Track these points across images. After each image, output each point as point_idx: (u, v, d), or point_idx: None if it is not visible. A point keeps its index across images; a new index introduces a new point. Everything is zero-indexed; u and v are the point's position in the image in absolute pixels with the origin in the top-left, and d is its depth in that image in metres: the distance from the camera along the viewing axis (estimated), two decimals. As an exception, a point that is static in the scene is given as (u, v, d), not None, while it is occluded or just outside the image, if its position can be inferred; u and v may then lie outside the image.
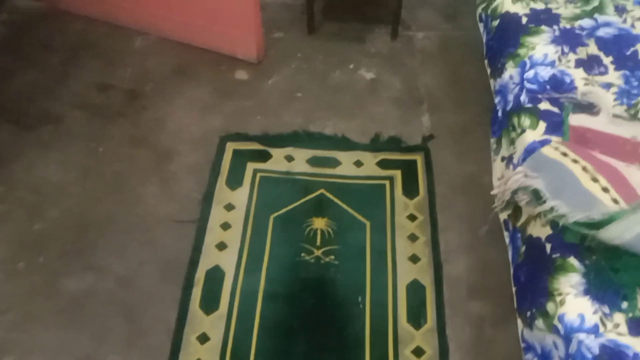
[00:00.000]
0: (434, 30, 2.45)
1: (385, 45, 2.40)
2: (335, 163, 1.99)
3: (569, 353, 1.04)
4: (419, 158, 2.01)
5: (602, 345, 1.01)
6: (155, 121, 2.11)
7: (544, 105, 1.35)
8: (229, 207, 1.87)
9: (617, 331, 1.03)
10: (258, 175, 1.96)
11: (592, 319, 1.05)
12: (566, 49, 1.45)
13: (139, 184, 1.92)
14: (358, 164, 1.99)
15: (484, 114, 2.13)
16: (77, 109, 2.14)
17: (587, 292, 1.08)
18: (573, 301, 1.08)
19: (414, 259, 1.76)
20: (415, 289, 1.69)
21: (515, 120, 1.38)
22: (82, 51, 2.35)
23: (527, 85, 1.40)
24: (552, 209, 1.07)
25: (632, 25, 1.49)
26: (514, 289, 1.31)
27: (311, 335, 1.60)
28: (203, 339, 1.59)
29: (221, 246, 1.78)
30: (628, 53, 1.42)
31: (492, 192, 1.32)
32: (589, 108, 1.31)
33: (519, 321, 1.26)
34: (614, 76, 1.39)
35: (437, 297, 1.67)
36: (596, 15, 1.54)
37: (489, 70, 1.69)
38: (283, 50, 2.37)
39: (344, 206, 1.87)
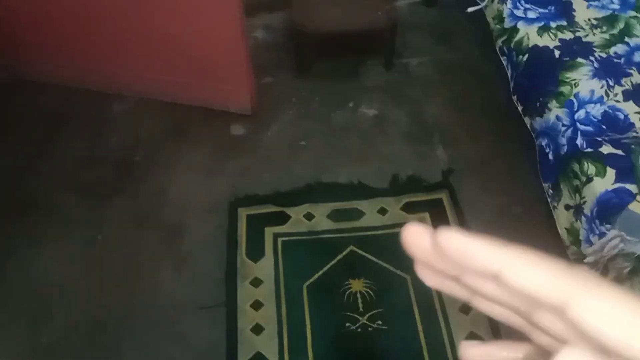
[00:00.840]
0: (428, 54, 2.37)
1: (381, 77, 2.30)
2: (358, 214, 1.87)
3: None
4: (444, 196, 1.91)
5: None
6: (156, 194, 1.93)
7: (607, 149, 1.27)
8: (256, 283, 1.72)
9: None
10: (279, 240, 1.81)
11: None
12: (611, 82, 1.39)
13: (152, 270, 1.74)
14: (382, 211, 1.88)
15: (499, 143, 2.06)
16: (67, 192, 1.94)
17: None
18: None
19: (465, 309, 1.65)
20: (473, 344, 1.59)
21: (575, 166, 1.30)
22: (61, 124, 2.14)
23: (581, 127, 1.32)
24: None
25: (666, 45, 1.45)
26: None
27: (376, 416, 1.47)
28: None
29: (257, 329, 1.62)
30: (671, 76, 1.37)
31: (586, 261, 1.22)
32: (656, 146, 1.24)
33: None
34: (665, 104, 1.34)
35: (498, 349, 1.57)
36: (627, 39, 1.48)
37: (520, 108, 1.61)
38: (276, 96, 2.24)
39: (379, 262, 1.75)
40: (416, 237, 0.26)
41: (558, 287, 0.22)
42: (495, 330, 1.60)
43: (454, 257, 0.24)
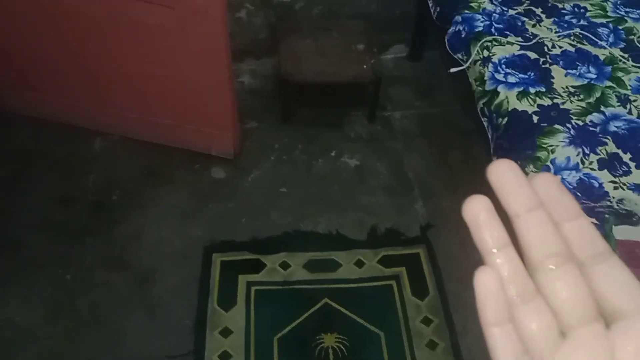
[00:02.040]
0: (411, 109, 2.41)
1: (364, 129, 2.32)
2: (334, 266, 1.85)
3: None
4: (421, 251, 1.90)
5: None
6: (130, 237, 1.89)
7: (581, 217, 1.29)
8: (226, 333, 1.67)
9: None
10: (253, 289, 1.78)
11: None
12: (587, 150, 1.41)
13: (120, 317, 1.69)
14: (359, 264, 1.86)
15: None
16: (37, 230, 1.89)
17: None
18: None
19: (438, 370, 1.62)
20: (445, 407, 1.55)
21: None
22: (35, 160, 2.11)
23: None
24: None
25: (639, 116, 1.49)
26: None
27: None
28: None
29: (225, 382, 1.57)
30: (643, 147, 1.40)
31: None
32: (628, 217, 1.26)
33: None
34: (638, 175, 1.36)
35: (470, 413, 1.54)
36: (602, 109, 1.52)
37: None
38: (259, 142, 2.24)
39: (353, 316, 1.72)
40: (510, 169, 0.29)
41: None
42: (468, 394, 1.57)
43: (548, 187, 0.28)
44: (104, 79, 2.04)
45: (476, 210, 0.32)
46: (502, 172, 0.30)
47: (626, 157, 1.40)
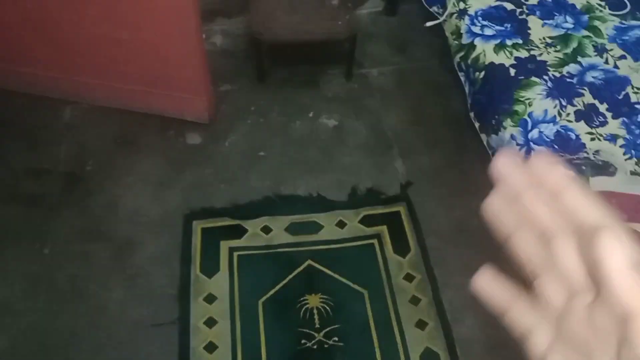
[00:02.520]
0: (388, 65, 2.36)
1: (342, 88, 2.28)
2: (316, 228, 1.85)
3: None
4: (402, 209, 1.91)
5: None
6: (106, 207, 1.85)
7: (559, 170, 1.28)
8: (210, 299, 1.67)
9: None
10: (235, 255, 1.77)
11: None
12: (564, 102, 1.40)
13: (100, 288, 1.67)
14: (341, 224, 1.86)
15: (456, 152, 2.07)
16: (9, 204, 1.84)
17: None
18: None
19: (421, 324, 1.65)
20: (430, 359, 1.59)
21: (528, 185, 1.31)
22: (2, 132, 2.03)
23: (535, 147, 1.33)
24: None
25: (616, 66, 1.48)
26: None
27: None
28: None
29: (211, 347, 1.58)
30: (620, 97, 1.40)
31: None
32: (605, 168, 1.26)
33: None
34: (614, 125, 1.36)
35: (454, 364, 1.58)
36: (579, 59, 1.51)
37: (477, 124, 1.62)
38: (235, 105, 2.18)
39: (336, 276, 1.73)
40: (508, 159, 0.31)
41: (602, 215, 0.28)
42: (451, 346, 1.61)
43: (542, 167, 0.30)
44: (69, 45, 1.95)
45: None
46: (503, 165, 0.32)
47: (602, 108, 1.40)
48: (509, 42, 1.58)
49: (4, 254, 1.72)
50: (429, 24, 1.83)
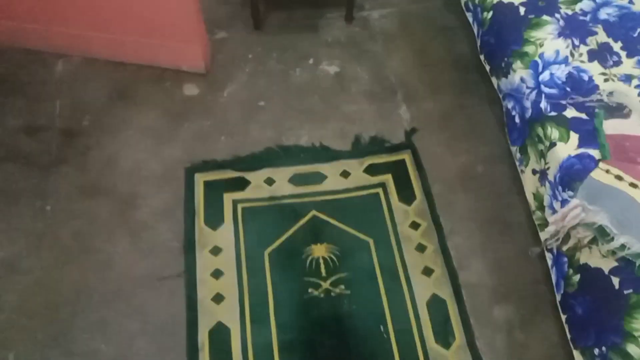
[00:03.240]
0: (389, 6, 2.27)
1: (342, 32, 2.19)
2: (320, 178, 1.82)
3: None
4: (406, 157, 1.87)
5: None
6: (105, 162, 1.82)
7: (571, 113, 1.23)
8: (216, 251, 1.66)
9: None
10: (239, 207, 1.75)
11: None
12: (576, 41, 1.33)
13: (105, 243, 1.66)
14: (345, 174, 1.83)
15: (461, 96, 2.02)
16: (7, 162, 1.81)
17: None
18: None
19: (427, 271, 1.65)
20: (436, 305, 1.59)
21: (539, 130, 1.26)
22: (-6, 88, 1.98)
23: (545, 90, 1.28)
24: (622, 246, 0.98)
25: (631, 1, 1.40)
26: (563, 317, 1.23)
27: (340, 380, 1.47)
28: (224, 412, 1.42)
29: (218, 298, 1.58)
30: (635, 35, 1.33)
31: (547, 230, 1.20)
32: (619, 110, 1.21)
33: (577, 353, 1.18)
34: (629, 65, 1.30)
35: (460, 309, 1.58)
36: (593, -6, 1.42)
37: (487, 67, 1.55)
38: (231, 53, 2.11)
39: (341, 226, 1.72)
40: None
41: None
42: (457, 292, 1.61)
43: None
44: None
45: None
46: None
47: (617, 47, 1.33)
48: (518, -23, 1.49)
49: (6, 213, 1.71)
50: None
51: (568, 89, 1.28)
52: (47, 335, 1.50)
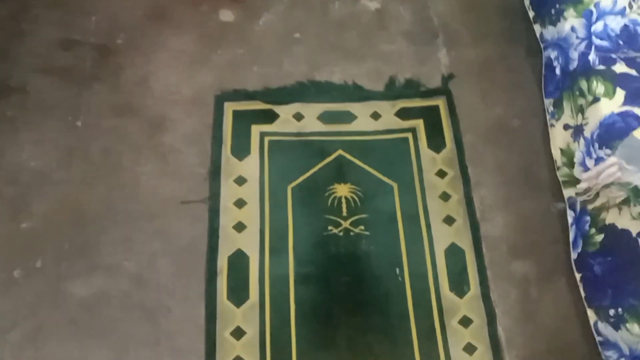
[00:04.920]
0: (440, -57, 2.14)
1: (387, -34, 2.09)
2: (349, 117, 1.79)
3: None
4: (441, 103, 1.82)
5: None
6: (138, 83, 1.82)
7: (620, 68, 1.17)
8: (240, 181, 1.68)
9: None
10: (266, 139, 1.74)
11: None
12: (637, -9, 1.24)
13: (133, 162, 1.69)
14: (375, 116, 1.80)
15: (505, 45, 1.94)
16: (41, 74, 1.82)
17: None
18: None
19: (449, 220, 1.64)
20: (454, 254, 1.59)
21: (583, 84, 1.20)
22: (33, 1, 1.96)
23: (596, 41, 1.20)
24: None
25: None
26: (577, 276, 1.22)
27: (352, 317, 1.50)
28: (238, 333, 1.47)
29: (240, 227, 1.61)
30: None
31: (579, 186, 1.17)
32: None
33: (591, 312, 1.18)
34: (692, 19, 1.21)
35: (478, 260, 1.58)
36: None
37: (531, 14, 1.47)
38: (271, -20, 2.04)
39: (367, 168, 1.70)
40: None
41: None
42: (477, 243, 1.60)
43: None
44: None
45: None
46: None
47: (683, -1, 1.24)
48: None
49: (40, 124, 1.74)
50: None
51: (621, 42, 1.21)
52: (74, 246, 1.56)
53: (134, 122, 1.75)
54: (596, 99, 1.18)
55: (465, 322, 1.51)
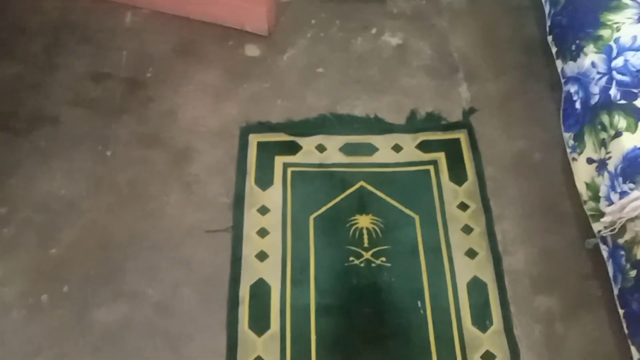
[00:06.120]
0: (460, -19, 2.20)
1: (408, 4, 2.15)
2: (371, 150, 1.81)
3: None
4: (462, 136, 1.84)
5: None
6: (165, 115, 1.88)
7: (641, 103, 1.18)
8: (263, 211, 1.70)
9: None
10: (289, 170, 1.77)
11: None
12: (656, 28, 1.26)
13: (159, 192, 1.73)
14: (397, 148, 1.82)
15: (525, 80, 1.96)
16: (73, 106, 1.89)
17: None
18: None
19: (471, 253, 1.63)
20: (476, 287, 1.58)
21: (605, 118, 1.21)
22: (66, 34, 2.05)
23: (617, 76, 1.22)
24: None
25: None
26: (621, 312, 1.20)
27: (373, 349, 1.49)
28: (259, 364, 1.47)
29: (262, 256, 1.62)
30: None
31: (603, 220, 1.17)
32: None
33: (634, 349, 1.16)
34: None
35: (501, 294, 1.57)
36: (683, -24, 1.34)
37: (554, 49, 1.50)
38: (294, 17, 2.11)
39: (388, 199, 1.72)
40: None
41: None
42: (500, 277, 1.59)
43: None
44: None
45: None
46: None
47: (700, 36, 1.25)
48: (599, -44, 1.41)
49: (71, 154, 1.80)
50: None
51: (641, 78, 1.22)
52: (99, 273, 1.59)
53: (161, 153, 1.80)
54: (618, 133, 1.19)
55: (488, 357, 1.48)
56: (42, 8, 2.12)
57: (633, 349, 1.17)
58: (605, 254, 1.30)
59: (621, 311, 1.21)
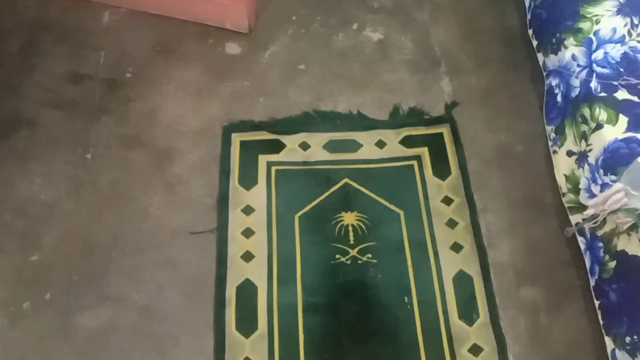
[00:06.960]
0: (440, -26, 2.20)
1: (389, -2, 2.14)
2: (355, 146, 1.81)
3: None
4: (445, 131, 1.84)
5: None
6: (146, 115, 1.85)
7: (622, 95, 1.19)
8: (248, 210, 1.69)
9: None
10: (273, 169, 1.76)
11: None
12: (635, 20, 1.27)
13: (141, 193, 1.70)
14: (380, 144, 1.82)
15: (507, 72, 1.97)
16: (51, 108, 1.86)
17: None
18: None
19: (456, 247, 1.64)
20: (462, 281, 1.59)
21: (585, 111, 1.22)
22: (42, 34, 2.01)
23: (597, 69, 1.23)
24: (666, 234, 0.95)
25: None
26: (596, 303, 1.22)
27: (361, 346, 1.50)
28: (247, 365, 1.46)
29: (247, 256, 1.61)
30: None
31: (586, 212, 1.18)
32: (676, 94, 1.16)
33: (608, 340, 1.18)
34: (692, 47, 1.24)
35: (486, 287, 1.58)
36: (660, -32, 1.35)
37: (535, 42, 1.50)
38: (275, 14, 2.09)
39: (373, 196, 1.72)
40: None
41: None
42: (485, 270, 1.60)
43: None
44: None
45: None
46: None
47: (681, 28, 1.27)
48: (578, -51, 1.42)
49: (50, 157, 1.76)
50: None
51: (622, 69, 1.23)
52: (82, 277, 1.57)
53: (142, 154, 1.77)
54: (599, 126, 1.20)
55: (476, 350, 1.49)
56: (18, 7, 2.07)
57: (607, 340, 1.18)
58: (582, 246, 1.31)
59: (597, 302, 1.22)
